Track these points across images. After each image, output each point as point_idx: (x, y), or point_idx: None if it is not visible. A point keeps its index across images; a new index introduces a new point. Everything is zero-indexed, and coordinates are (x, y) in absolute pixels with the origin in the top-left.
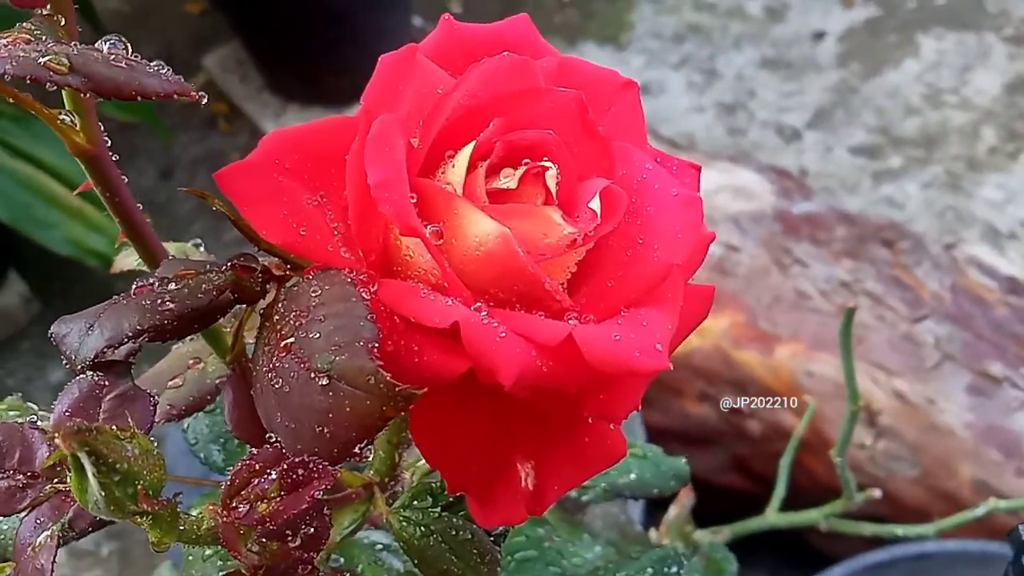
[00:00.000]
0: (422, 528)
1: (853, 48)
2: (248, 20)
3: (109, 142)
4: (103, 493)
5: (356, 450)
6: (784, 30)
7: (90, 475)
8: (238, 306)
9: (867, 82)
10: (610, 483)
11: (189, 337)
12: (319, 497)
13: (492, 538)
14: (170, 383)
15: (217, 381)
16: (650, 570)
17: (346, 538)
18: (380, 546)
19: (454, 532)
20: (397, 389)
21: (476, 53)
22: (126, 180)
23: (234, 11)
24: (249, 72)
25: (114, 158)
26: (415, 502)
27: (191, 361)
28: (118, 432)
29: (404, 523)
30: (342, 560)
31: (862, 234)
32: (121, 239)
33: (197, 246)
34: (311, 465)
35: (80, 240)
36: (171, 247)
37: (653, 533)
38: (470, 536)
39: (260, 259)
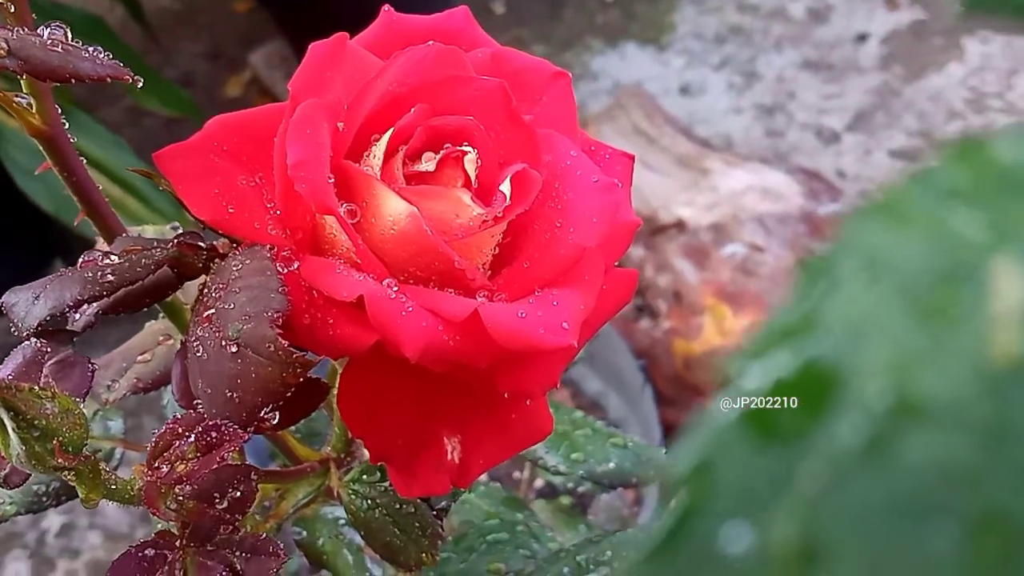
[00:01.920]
0: (369, 501)
1: (896, 51)
2: (292, 18)
3: (155, 136)
4: (23, 447)
5: (262, 415)
6: (826, 32)
7: (10, 430)
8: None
9: (909, 85)
10: (588, 471)
11: (161, 314)
12: (229, 459)
13: (434, 512)
14: (140, 357)
15: None
16: (609, 552)
17: (301, 510)
18: (342, 521)
19: (398, 506)
20: (295, 356)
21: (415, 44)
22: None
23: (279, 9)
24: (293, 69)
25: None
26: (364, 476)
27: (161, 337)
28: (38, 391)
29: (353, 496)
30: (304, 533)
31: None
32: (82, 216)
33: (175, 228)
34: (223, 428)
35: None
36: (150, 229)
37: None
38: (413, 510)
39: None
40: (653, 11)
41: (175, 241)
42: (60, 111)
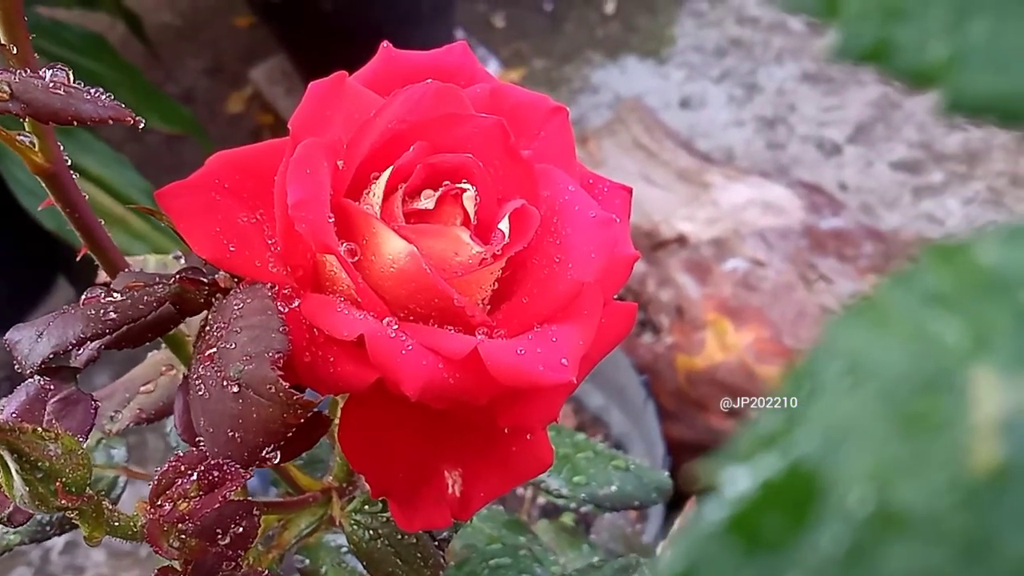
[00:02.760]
0: (371, 531)
1: None
2: (293, 34)
3: (156, 153)
4: (27, 488)
5: (264, 454)
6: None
7: (13, 471)
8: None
9: (909, 97)
10: (590, 494)
11: (162, 345)
12: (231, 497)
13: (436, 543)
14: (142, 388)
15: None
16: None
17: (304, 539)
18: (344, 549)
19: (400, 536)
20: (296, 397)
21: (414, 80)
22: None
23: (280, 25)
24: (294, 84)
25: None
26: (366, 506)
27: (163, 368)
28: (42, 432)
29: (355, 526)
30: (307, 561)
31: (889, 250)
32: (84, 251)
33: (177, 258)
34: (225, 467)
35: (123, 248)
36: (152, 259)
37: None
38: (415, 540)
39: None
40: (653, 24)
41: (177, 277)
42: (62, 132)
